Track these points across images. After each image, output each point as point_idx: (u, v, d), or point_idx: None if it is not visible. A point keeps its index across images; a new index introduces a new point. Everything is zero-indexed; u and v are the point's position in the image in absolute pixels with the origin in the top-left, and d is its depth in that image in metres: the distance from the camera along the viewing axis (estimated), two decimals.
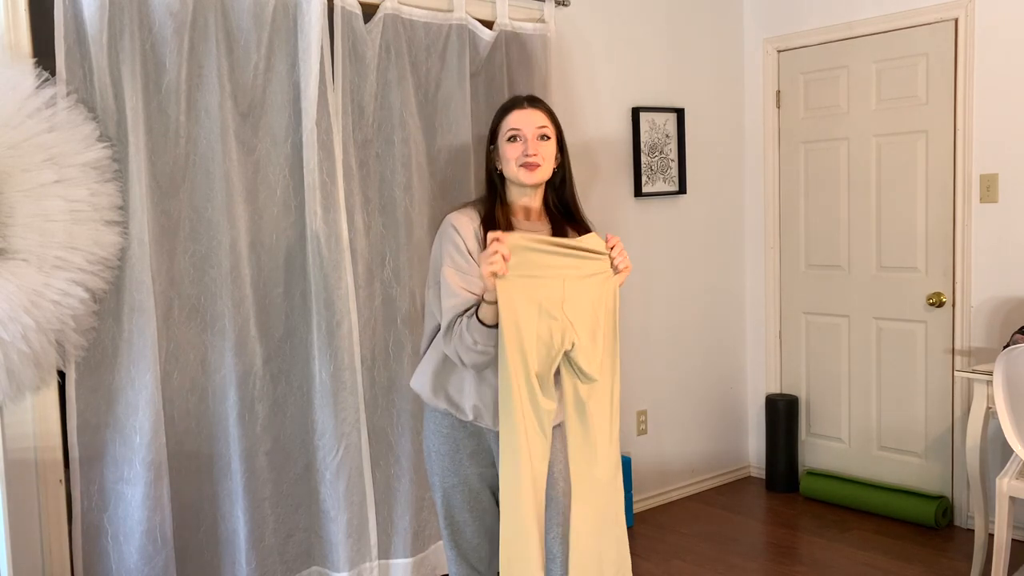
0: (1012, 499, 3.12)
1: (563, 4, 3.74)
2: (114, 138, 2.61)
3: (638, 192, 4.16)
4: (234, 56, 2.85)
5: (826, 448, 4.46)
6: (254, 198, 2.93)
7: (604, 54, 4.03)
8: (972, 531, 3.68)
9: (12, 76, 2.41)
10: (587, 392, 2.25)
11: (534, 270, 2.18)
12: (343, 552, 3.07)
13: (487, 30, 3.40)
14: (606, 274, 2.27)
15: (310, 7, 2.93)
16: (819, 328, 4.46)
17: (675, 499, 4.43)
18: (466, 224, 2.29)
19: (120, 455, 2.66)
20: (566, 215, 2.40)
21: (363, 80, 3.12)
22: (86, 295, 2.50)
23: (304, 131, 2.95)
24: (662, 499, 4.37)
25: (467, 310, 2.21)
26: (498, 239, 2.12)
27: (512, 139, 2.31)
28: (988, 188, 3.77)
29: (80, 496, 2.63)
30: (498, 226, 2.26)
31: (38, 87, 2.44)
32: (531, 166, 2.29)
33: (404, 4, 3.22)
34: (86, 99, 2.57)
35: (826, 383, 4.44)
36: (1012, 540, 3.35)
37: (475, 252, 2.25)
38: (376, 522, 3.19)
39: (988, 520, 3.39)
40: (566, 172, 2.41)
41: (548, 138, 2.33)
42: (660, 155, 4.23)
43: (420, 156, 3.27)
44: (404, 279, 3.24)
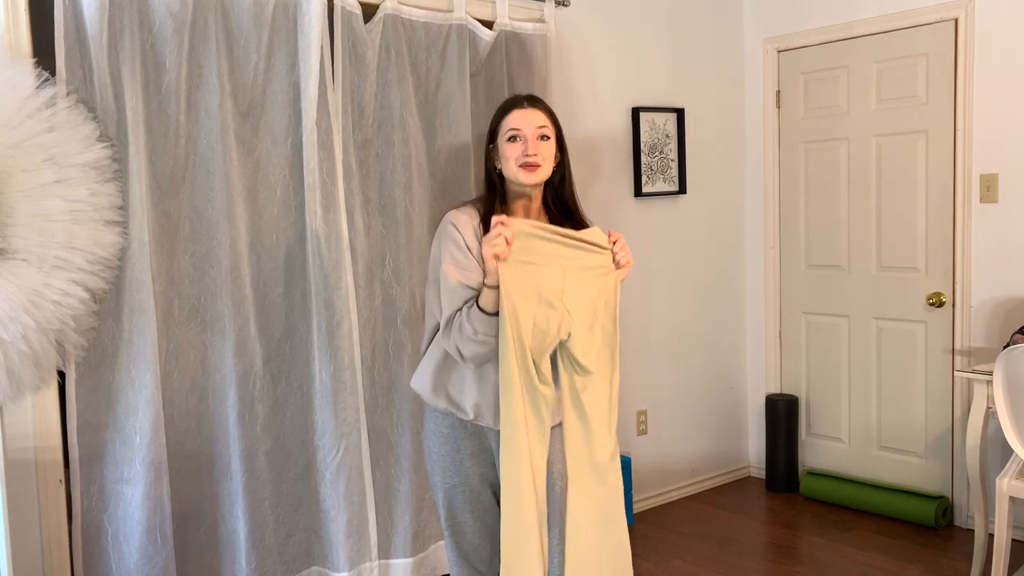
0: (1012, 499, 3.12)
1: (563, 4, 3.74)
2: (114, 138, 2.61)
3: (638, 192, 4.16)
4: (234, 56, 2.85)
5: (826, 448, 4.46)
6: (254, 198, 2.93)
7: (604, 54, 4.03)
8: (972, 531, 3.68)
9: (12, 76, 2.40)
10: (583, 383, 2.27)
11: (536, 257, 2.19)
12: (343, 552, 3.07)
13: (487, 30, 3.40)
14: (607, 268, 2.29)
15: (310, 7, 2.93)
16: (819, 328, 4.46)
17: (675, 499, 4.43)
18: (466, 222, 2.30)
19: (120, 455, 2.66)
20: (565, 214, 2.40)
21: (363, 80, 3.12)
22: (86, 295, 2.50)
23: (304, 131, 2.95)
24: (662, 499, 4.38)
25: (467, 303, 2.22)
26: (502, 222, 2.15)
27: (512, 139, 2.31)
28: (988, 188, 3.77)
29: (80, 496, 2.63)
30: None
31: (38, 87, 2.44)
32: (531, 166, 2.29)
33: (404, 4, 3.22)
34: (86, 99, 2.57)
35: (826, 383, 4.44)
36: (1012, 540, 3.35)
37: (475, 249, 2.25)
38: (376, 522, 3.19)
39: (988, 520, 3.39)
40: (565, 171, 2.41)
41: (548, 138, 2.33)
42: (660, 155, 4.23)
43: (420, 156, 3.27)
44: (404, 279, 3.24)
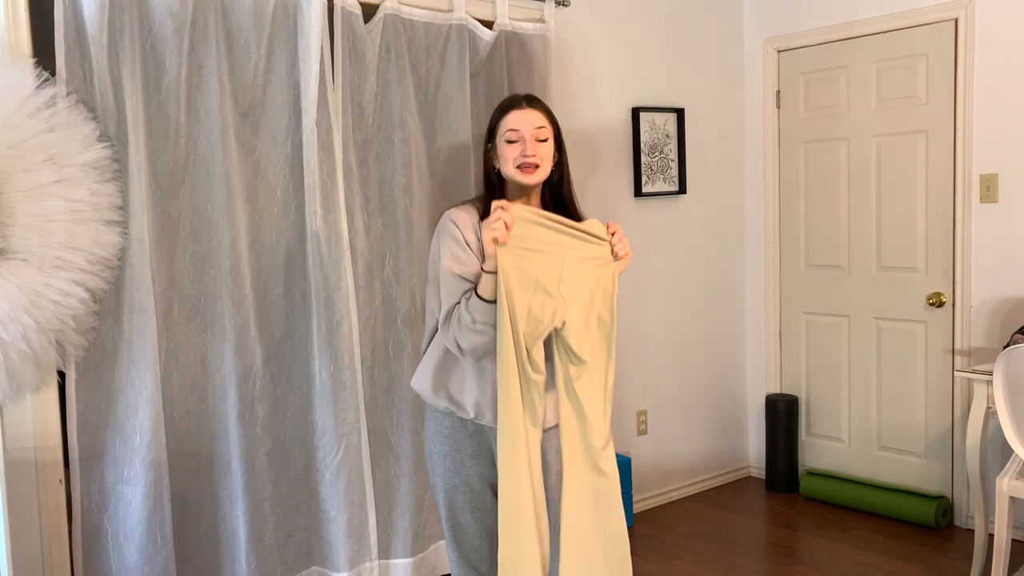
0: (1012, 499, 3.12)
1: (563, 4, 3.74)
2: (114, 138, 2.61)
3: (638, 192, 4.16)
4: (234, 56, 2.85)
5: (826, 448, 4.46)
6: (254, 198, 2.93)
7: (604, 54, 4.03)
8: (972, 531, 3.68)
9: (12, 76, 2.41)
10: (577, 372, 2.28)
11: (535, 244, 2.20)
12: (343, 552, 3.07)
13: (487, 30, 3.40)
14: (605, 259, 2.30)
15: (310, 7, 2.93)
16: (819, 328, 4.46)
17: (675, 499, 4.43)
18: (465, 219, 2.31)
19: (120, 455, 2.66)
20: (563, 213, 2.41)
21: (363, 80, 3.12)
22: (86, 295, 2.50)
23: (304, 131, 2.95)
24: (662, 499, 4.38)
25: (465, 294, 2.24)
26: (502, 207, 2.16)
27: (510, 140, 2.32)
28: (988, 188, 3.77)
29: (80, 496, 2.63)
30: None
31: (38, 87, 2.44)
32: (529, 168, 2.30)
33: (404, 4, 3.22)
34: (86, 99, 2.57)
35: (826, 383, 4.44)
36: (1012, 540, 3.35)
37: (474, 245, 2.26)
38: (376, 522, 3.19)
39: (988, 520, 3.39)
40: (564, 170, 2.42)
41: (546, 139, 2.34)
42: (660, 155, 4.23)
43: (420, 156, 3.27)
44: (404, 279, 3.24)
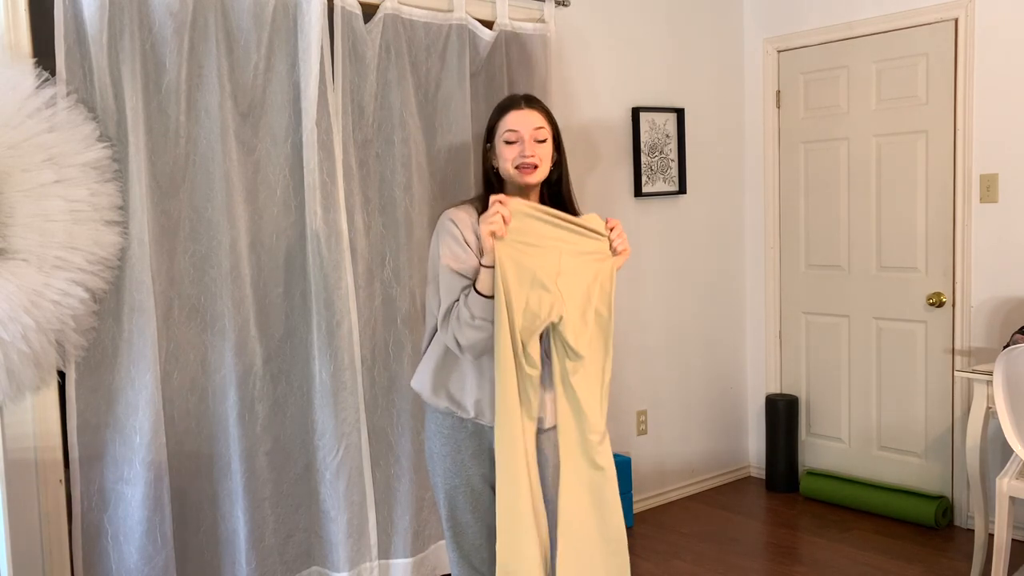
0: (1012, 499, 3.12)
1: (563, 4, 3.74)
2: (114, 138, 2.61)
3: (638, 192, 4.16)
4: (234, 56, 2.85)
5: (826, 448, 4.46)
6: (254, 198, 2.93)
7: (604, 54, 4.03)
8: (972, 531, 3.68)
9: (12, 76, 2.41)
10: (574, 367, 2.27)
11: (533, 238, 2.20)
12: (343, 552, 3.07)
13: (487, 30, 3.40)
14: (604, 254, 2.30)
15: (310, 7, 2.93)
16: (819, 328, 4.46)
17: (675, 499, 4.43)
18: (464, 218, 2.31)
19: (120, 455, 2.66)
20: (562, 212, 2.41)
21: (363, 80, 3.12)
22: (86, 295, 2.50)
23: (304, 131, 2.95)
24: (662, 499, 4.38)
25: (464, 290, 2.24)
26: (501, 201, 2.16)
27: (509, 140, 2.32)
28: (988, 188, 3.77)
29: (80, 496, 2.63)
30: None
31: (38, 87, 2.44)
32: (528, 168, 2.31)
33: (404, 4, 3.22)
34: (86, 99, 2.57)
35: (826, 383, 4.44)
36: (1012, 540, 3.35)
37: (473, 244, 2.26)
38: (376, 522, 3.19)
39: (988, 520, 3.39)
40: (562, 170, 2.43)
41: (544, 140, 2.34)
42: (660, 155, 4.23)
43: (420, 156, 3.27)
44: (404, 279, 3.24)
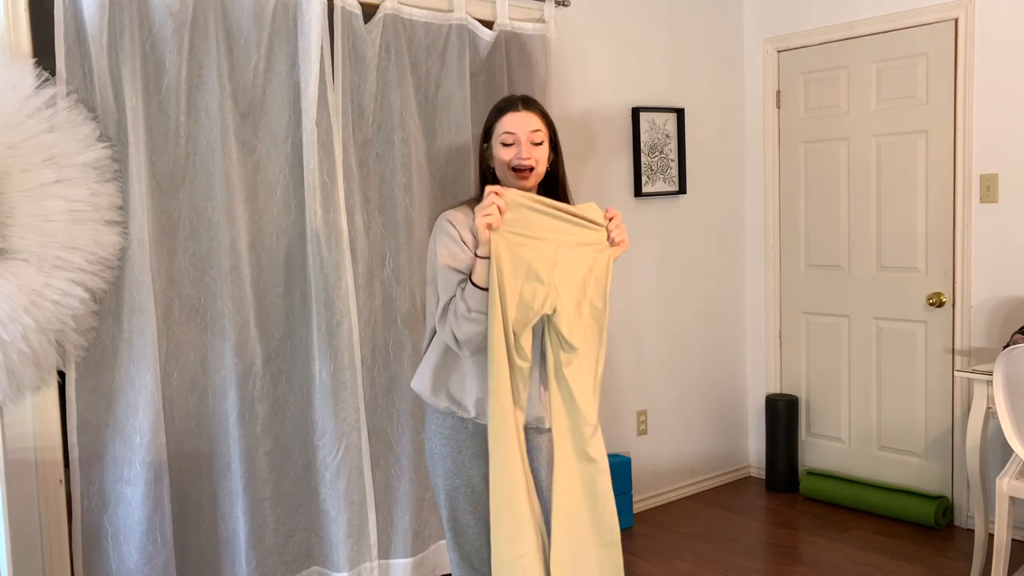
0: (1012, 499, 3.12)
1: (563, 4, 3.73)
2: (114, 138, 2.61)
3: (638, 192, 4.16)
4: (234, 56, 2.85)
5: (826, 448, 4.46)
6: (254, 198, 2.93)
7: (604, 54, 4.03)
8: (972, 531, 3.68)
9: (12, 76, 2.40)
10: (567, 359, 2.27)
11: (529, 230, 2.20)
12: (343, 552, 3.07)
13: (487, 30, 3.40)
14: (601, 245, 2.29)
15: (310, 7, 2.93)
16: (819, 328, 4.45)
17: (675, 499, 4.43)
18: (461, 219, 2.33)
19: (120, 455, 2.66)
20: None
21: (363, 80, 3.12)
22: (86, 295, 2.50)
23: (304, 131, 2.95)
24: (662, 499, 4.38)
25: (460, 285, 2.24)
26: (496, 192, 2.16)
27: (506, 143, 2.33)
28: (988, 188, 3.77)
29: (80, 496, 2.63)
30: None
31: (38, 87, 2.44)
32: (523, 171, 2.32)
33: (404, 4, 3.22)
34: (86, 99, 2.57)
35: (826, 383, 4.44)
36: (1012, 540, 3.35)
37: (470, 243, 2.27)
38: (376, 522, 3.19)
39: (988, 520, 3.39)
40: (559, 171, 2.44)
41: (541, 143, 2.35)
42: (660, 155, 4.23)
43: (420, 156, 3.27)
44: (404, 279, 3.24)
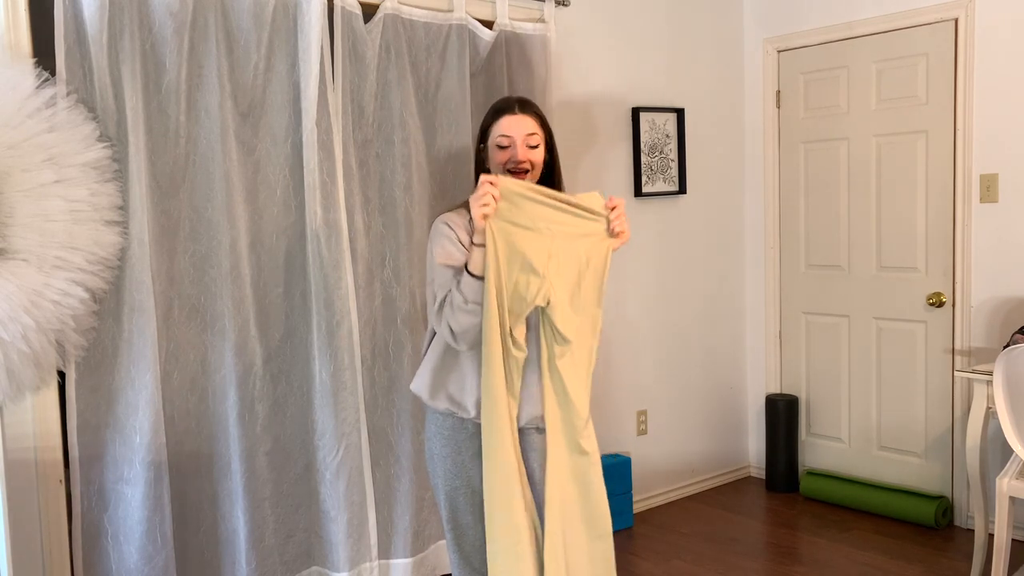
0: (1012, 499, 3.12)
1: (563, 4, 3.74)
2: (114, 138, 2.61)
3: (638, 192, 4.16)
4: (234, 56, 2.85)
5: (826, 448, 4.46)
6: (254, 198, 2.93)
7: (604, 54, 4.03)
8: (972, 531, 3.68)
9: (12, 76, 2.40)
10: (560, 351, 2.25)
11: (525, 220, 2.18)
12: (343, 552, 3.07)
13: (487, 30, 3.40)
14: (600, 236, 2.25)
15: (310, 7, 2.93)
16: (819, 328, 4.45)
17: (675, 499, 4.43)
18: (457, 220, 2.34)
19: (120, 455, 2.66)
20: None
21: (363, 80, 3.12)
22: (86, 295, 2.50)
23: (304, 131, 2.96)
24: (662, 499, 4.38)
25: (457, 277, 2.24)
26: (491, 181, 2.15)
27: (501, 145, 2.34)
28: (988, 188, 3.77)
29: (80, 496, 2.63)
30: None
31: (38, 87, 2.44)
32: (519, 173, 2.32)
33: (404, 4, 3.22)
34: (86, 99, 2.57)
35: (826, 383, 4.44)
36: (1012, 540, 3.35)
37: (466, 243, 2.28)
38: (376, 522, 3.19)
39: (988, 520, 3.39)
40: (555, 172, 2.44)
41: (537, 146, 2.35)
42: (660, 155, 4.23)
43: (420, 156, 3.27)
44: (404, 279, 3.24)
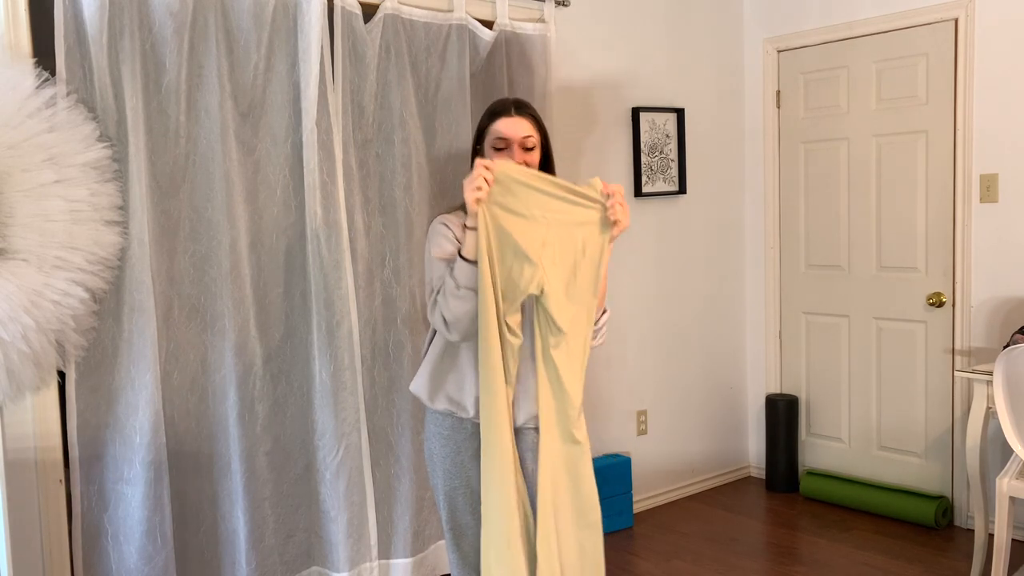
0: (1012, 499, 3.12)
1: (563, 4, 3.74)
2: (114, 138, 2.61)
3: (638, 192, 4.16)
4: (234, 56, 2.85)
5: (826, 448, 4.46)
6: (254, 198, 2.93)
7: (604, 54, 4.03)
8: (972, 531, 3.68)
9: (12, 76, 2.40)
10: (555, 341, 2.24)
11: (520, 207, 2.16)
12: (343, 552, 3.07)
13: (487, 30, 3.40)
14: (597, 224, 2.21)
15: (310, 7, 2.93)
16: (819, 328, 4.45)
17: (675, 499, 4.43)
18: (454, 220, 2.35)
19: (120, 455, 2.66)
20: None
21: (363, 80, 3.12)
22: (86, 295, 2.50)
23: (304, 131, 2.96)
24: (662, 499, 4.38)
25: (451, 265, 2.25)
26: (486, 166, 2.15)
27: (497, 147, 2.34)
28: (988, 188, 3.77)
29: (80, 496, 2.63)
30: None
31: (38, 87, 2.44)
32: None
33: (404, 4, 3.22)
34: (86, 99, 2.57)
35: (826, 383, 4.44)
36: (1012, 540, 3.35)
37: (463, 240, 2.28)
38: (376, 522, 3.19)
39: (988, 520, 3.39)
40: (550, 174, 2.42)
41: (532, 147, 2.35)
42: (660, 155, 4.23)
43: (420, 156, 3.27)
44: (404, 279, 3.24)
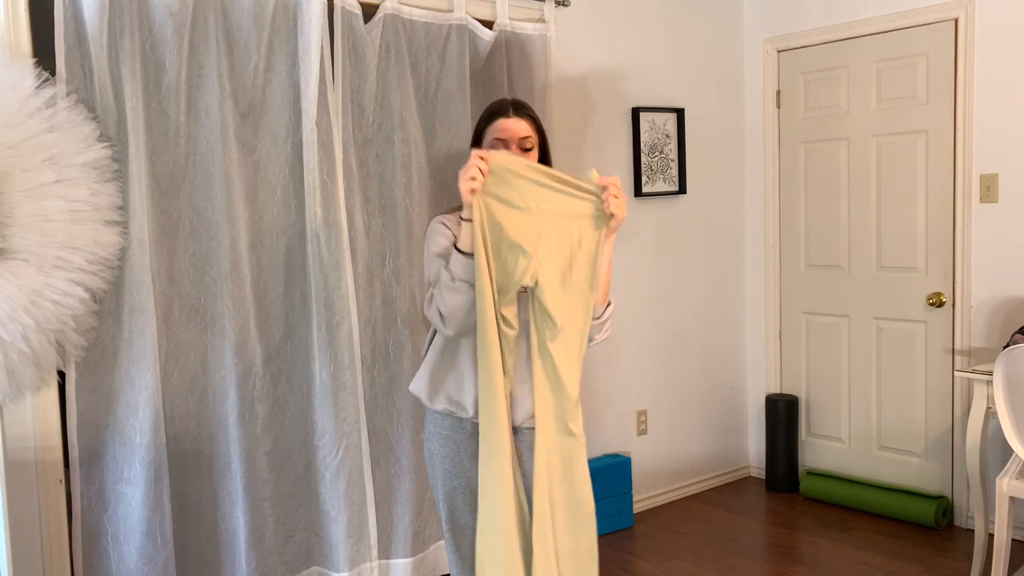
0: (1012, 499, 3.12)
1: (563, 4, 3.74)
2: (114, 138, 2.61)
3: (638, 192, 4.16)
4: (234, 56, 2.85)
5: (826, 448, 4.46)
6: (254, 198, 2.93)
7: (604, 54, 4.03)
8: (972, 531, 3.68)
9: (12, 76, 2.41)
10: (552, 334, 2.21)
11: (515, 198, 2.15)
12: (343, 552, 3.07)
13: (487, 30, 3.40)
14: (594, 217, 2.19)
15: (310, 7, 2.93)
16: (819, 328, 4.46)
17: (675, 499, 4.43)
18: (452, 221, 2.35)
19: (120, 455, 2.66)
20: None
21: (363, 80, 3.12)
22: (86, 295, 2.50)
23: (304, 131, 2.96)
24: (662, 499, 4.38)
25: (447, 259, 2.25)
26: (481, 156, 2.14)
27: (496, 148, 2.33)
28: (988, 188, 3.77)
29: (80, 496, 2.63)
30: None
31: (38, 87, 2.44)
32: None
33: (404, 4, 3.22)
34: (86, 99, 2.57)
35: (826, 383, 4.44)
36: (1012, 540, 3.35)
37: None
38: (376, 522, 3.19)
39: (988, 520, 3.39)
40: None
41: (531, 149, 2.34)
42: (660, 155, 4.23)
43: (420, 156, 3.27)
44: (404, 279, 3.24)
